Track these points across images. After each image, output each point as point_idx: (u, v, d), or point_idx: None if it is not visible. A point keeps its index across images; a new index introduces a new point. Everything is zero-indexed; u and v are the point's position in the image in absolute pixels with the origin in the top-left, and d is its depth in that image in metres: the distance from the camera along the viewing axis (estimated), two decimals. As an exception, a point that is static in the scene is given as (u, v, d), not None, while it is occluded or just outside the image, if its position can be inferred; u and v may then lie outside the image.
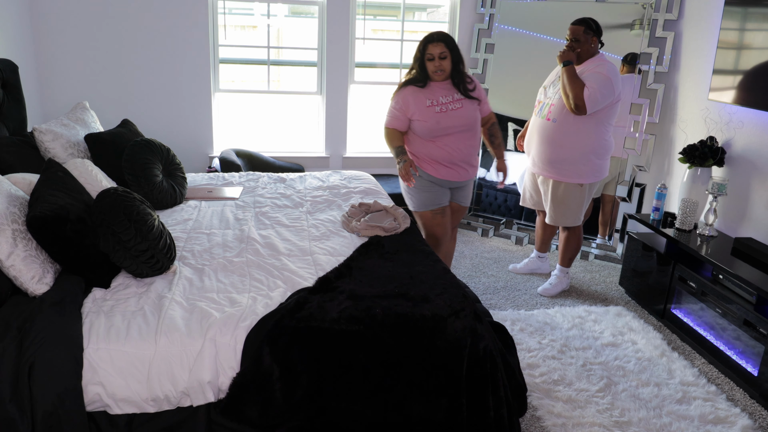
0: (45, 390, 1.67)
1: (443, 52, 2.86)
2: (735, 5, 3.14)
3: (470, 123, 2.97)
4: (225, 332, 1.86)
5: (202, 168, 4.53)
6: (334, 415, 1.85)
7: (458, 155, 2.98)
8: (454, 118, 2.92)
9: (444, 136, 2.94)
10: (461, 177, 3.05)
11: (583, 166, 3.25)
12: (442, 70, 2.88)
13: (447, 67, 2.89)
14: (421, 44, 2.90)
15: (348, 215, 2.88)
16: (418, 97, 2.92)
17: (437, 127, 2.91)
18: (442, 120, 2.90)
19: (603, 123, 3.20)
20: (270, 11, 4.51)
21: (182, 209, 3.01)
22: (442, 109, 2.91)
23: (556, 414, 2.34)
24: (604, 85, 3.07)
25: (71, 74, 4.20)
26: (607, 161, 3.33)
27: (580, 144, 3.21)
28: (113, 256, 2.09)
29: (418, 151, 3.01)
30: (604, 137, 3.24)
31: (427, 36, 2.90)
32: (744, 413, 2.42)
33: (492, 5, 4.47)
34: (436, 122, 2.90)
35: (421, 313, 1.93)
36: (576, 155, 3.23)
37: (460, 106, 2.93)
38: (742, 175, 3.19)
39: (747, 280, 2.60)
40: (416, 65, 2.94)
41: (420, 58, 2.90)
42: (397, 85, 3.02)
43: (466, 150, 3.00)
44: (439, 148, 2.96)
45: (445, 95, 2.93)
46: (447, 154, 2.97)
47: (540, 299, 3.46)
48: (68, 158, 2.87)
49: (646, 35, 3.87)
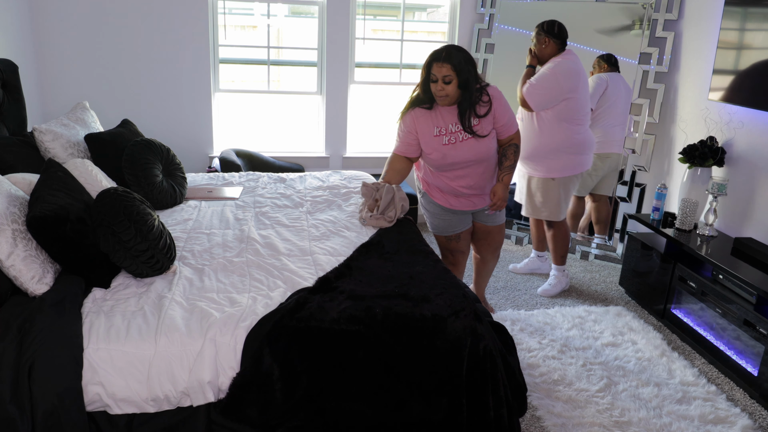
0: (45, 390, 1.67)
1: (448, 76, 2.46)
2: (735, 5, 3.14)
3: (482, 156, 2.63)
4: (225, 332, 1.86)
5: (202, 168, 4.53)
6: (334, 415, 1.85)
7: (468, 190, 2.71)
8: (463, 151, 2.59)
9: (452, 170, 2.66)
10: (476, 206, 2.79)
11: (552, 162, 3.30)
12: (446, 95, 2.51)
13: (452, 92, 2.50)
14: (426, 63, 2.52)
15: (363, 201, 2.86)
16: (426, 123, 2.60)
17: (443, 162, 2.62)
18: (449, 154, 2.59)
19: (566, 120, 3.22)
20: (270, 11, 4.51)
21: (182, 209, 3.01)
22: (450, 140, 2.58)
23: (556, 414, 2.34)
24: (543, 82, 3.15)
25: (71, 74, 4.20)
26: (583, 156, 3.36)
27: (545, 140, 3.26)
28: (113, 256, 2.09)
29: (429, 180, 2.79)
30: (571, 134, 3.25)
31: (433, 53, 2.50)
32: (744, 413, 2.42)
33: (492, 5, 4.47)
34: (443, 156, 2.60)
35: (421, 313, 1.93)
36: (543, 151, 3.29)
37: (471, 136, 2.59)
38: (742, 175, 3.19)
39: (747, 280, 2.60)
40: (421, 85, 2.58)
41: (425, 78, 2.54)
42: (404, 106, 2.68)
43: (479, 183, 2.70)
44: (447, 181, 2.70)
45: (455, 122, 2.57)
46: (455, 189, 2.70)
47: (540, 299, 3.46)
48: (68, 158, 2.87)
49: (646, 35, 3.87)
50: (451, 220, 2.82)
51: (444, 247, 2.93)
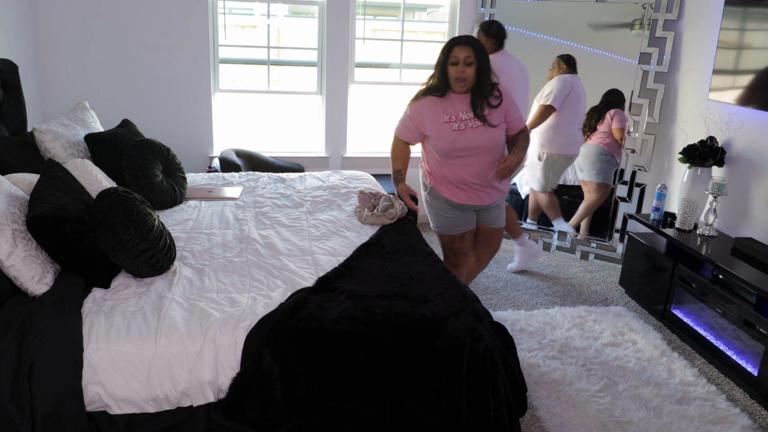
0: (45, 390, 1.67)
1: (469, 57, 2.53)
2: (735, 5, 3.14)
3: (490, 144, 2.65)
4: (225, 332, 1.86)
5: (202, 168, 4.53)
6: (334, 415, 1.85)
7: (476, 179, 2.69)
8: (472, 137, 2.61)
9: (460, 157, 2.66)
10: (483, 201, 2.77)
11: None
12: (465, 78, 2.55)
13: (470, 75, 2.55)
14: (446, 47, 2.58)
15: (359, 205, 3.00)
16: (436, 110, 2.63)
17: (452, 147, 2.62)
18: (458, 139, 2.60)
19: None
20: (270, 11, 4.51)
21: (182, 209, 3.01)
22: (460, 126, 2.60)
23: (556, 414, 2.34)
24: None
25: (71, 74, 4.20)
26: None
27: None
28: (113, 256, 2.09)
29: (435, 171, 2.76)
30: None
31: (453, 38, 2.59)
32: (744, 413, 2.42)
33: (492, 5, 4.47)
34: (452, 141, 2.61)
35: (421, 313, 1.93)
36: None
37: (481, 124, 2.61)
38: (742, 175, 3.19)
39: (747, 280, 2.60)
40: (438, 71, 2.61)
41: (443, 62, 2.58)
42: (416, 93, 2.71)
43: (486, 172, 2.69)
44: (455, 170, 2.69)
45: (466, 111, 2.61)
46: (463, 177, 2.69)
47: (540, 299, 3.46)
48: (68, 158, 2.87)
49: (646, 35, 3.87)
50: (456, 219, 2.79)
51: (447, 247, 2.90)
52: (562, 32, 4.19)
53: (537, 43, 4.29)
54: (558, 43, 4.17)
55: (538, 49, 4.27)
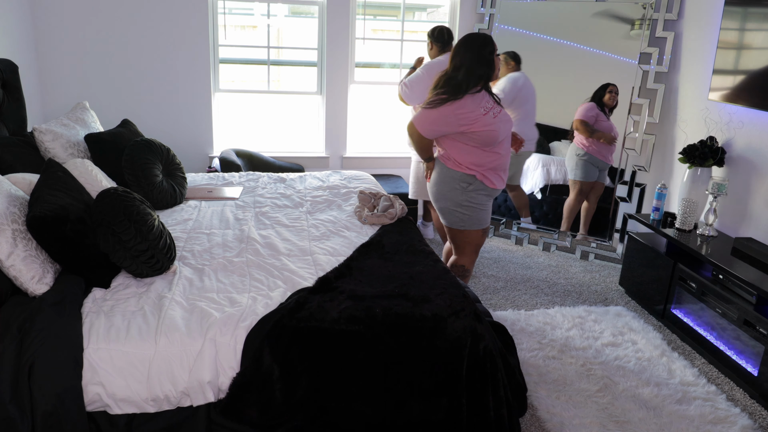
0: (45, 390, 1.67)
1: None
2: (735, 5, 3.14)
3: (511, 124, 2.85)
4: (225, 332, 1.86)
5: (202, 168, 4.53)
6: (334, 415, 1.85)
7: (507, 160, 2.84)
8: (504, 122, 2.74)
9: (500, 142, 2.75)
10: (504, 184, 2.90)
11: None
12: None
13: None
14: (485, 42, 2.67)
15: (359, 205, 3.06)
16: (472, 108, 2.65)
17: (497, 135, 2.69)
18: (498, 127, 2.70)
19: None
20: (270, 11, 4.51)
21: (182, 209, 3.01)
22: (494, 114, 2.70)
23: (556, 414, 2.34)
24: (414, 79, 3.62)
25: (71, 74, 4.20)
26: None
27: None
28: (113, 256, 2.09)
29: (481, 162, 2.74)
30: None
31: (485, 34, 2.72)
32: (744, 413, 2.42)
33: (492, 5, 4.47)
34: (496, 129, 2.68)
35: (421, 313, 1.93)
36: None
37: (501, 109, 2.77)
38: (742, 175, 3.19)
39: (747, 280, 2.60)
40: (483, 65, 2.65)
41: (489, 56, 2.67)
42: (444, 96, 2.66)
43: (509, 154, 2.86)
44: (494, 156, 2.75)
45: (488, 100, 2.71)
46: (501, 162, 2.79)
47: (540, 299, 3.46)
48: (68, 158, 2.87)
49: (646, 35, 3.87)
50: (489, 209, 2.89)
51: (474, 243, 2.91)
52: (562, 32, 4.19)
53: (537, 43, 4.29)
54: (558, 43, 4.17)
55: (538, 49, 4.27)
